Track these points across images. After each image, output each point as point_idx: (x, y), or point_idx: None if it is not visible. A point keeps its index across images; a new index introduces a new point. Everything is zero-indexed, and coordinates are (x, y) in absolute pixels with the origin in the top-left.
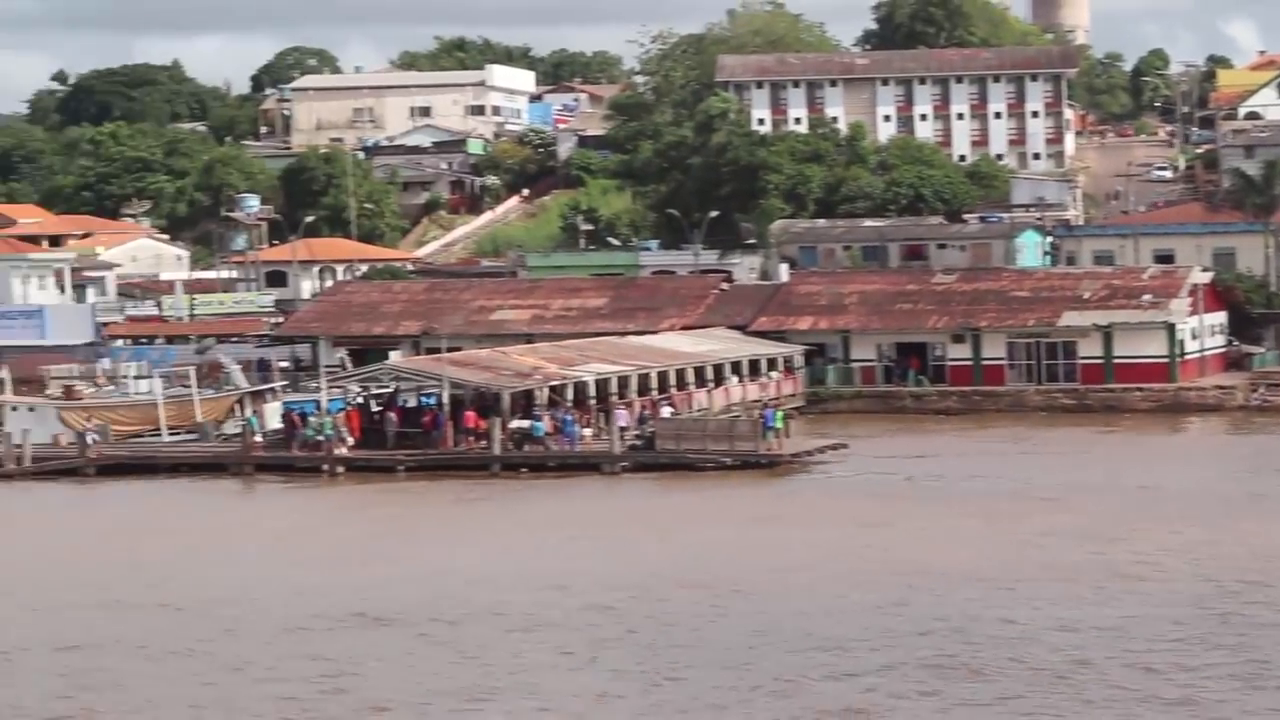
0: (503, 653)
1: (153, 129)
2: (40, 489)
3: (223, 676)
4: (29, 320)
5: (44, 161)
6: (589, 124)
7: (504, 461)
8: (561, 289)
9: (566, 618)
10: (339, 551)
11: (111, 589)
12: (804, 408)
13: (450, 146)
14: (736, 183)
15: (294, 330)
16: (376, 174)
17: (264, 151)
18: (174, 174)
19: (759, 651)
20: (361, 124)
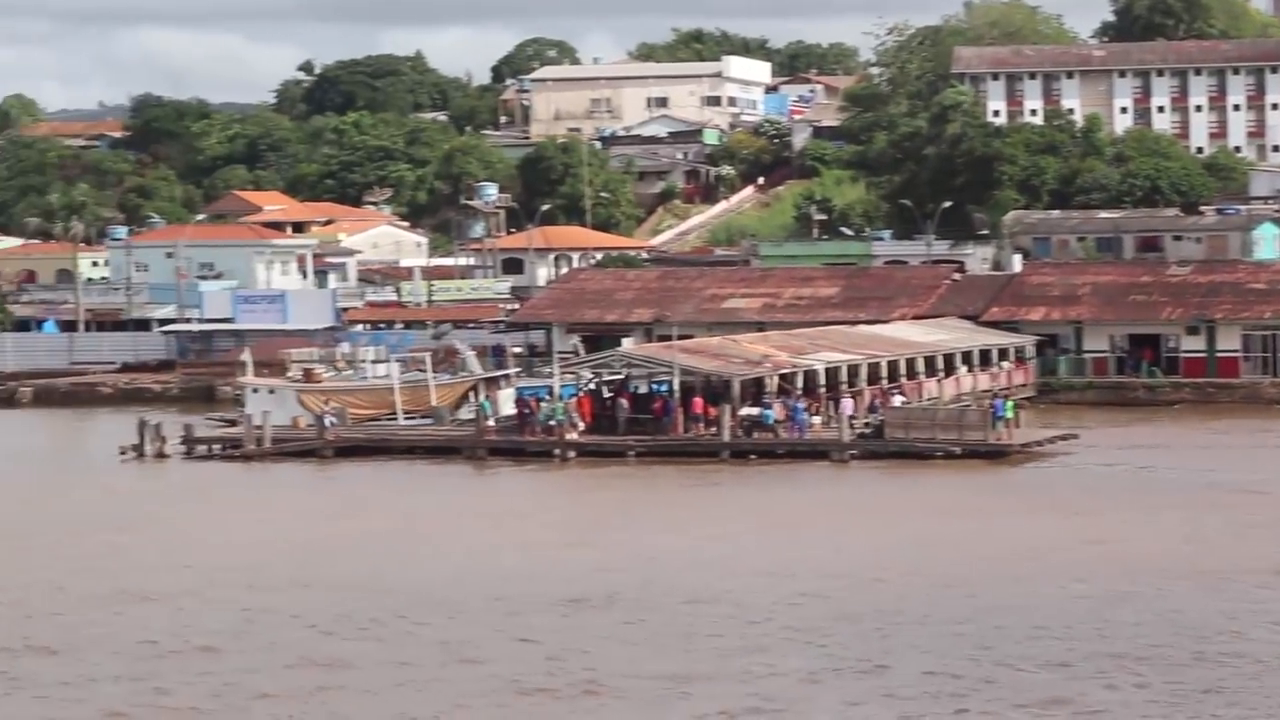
0: (719, 637)
1: (395, 118)
2: (278, 469)
3: (443, 657)
4: (271, 305)
5: (289, 150)
6: (824, 115)
7: (733, 448)
8: (793, 278)
9: (783, 603)
10: (563, 534)
11: (338, 568)
12: (1035, 398)
13: (686, 137)
14: (971, 174)
15: (528, 317)
16: (613, 164)
17: (503, 141)
18: (415, 163)
19: (971, 640)
20: (599, 114)
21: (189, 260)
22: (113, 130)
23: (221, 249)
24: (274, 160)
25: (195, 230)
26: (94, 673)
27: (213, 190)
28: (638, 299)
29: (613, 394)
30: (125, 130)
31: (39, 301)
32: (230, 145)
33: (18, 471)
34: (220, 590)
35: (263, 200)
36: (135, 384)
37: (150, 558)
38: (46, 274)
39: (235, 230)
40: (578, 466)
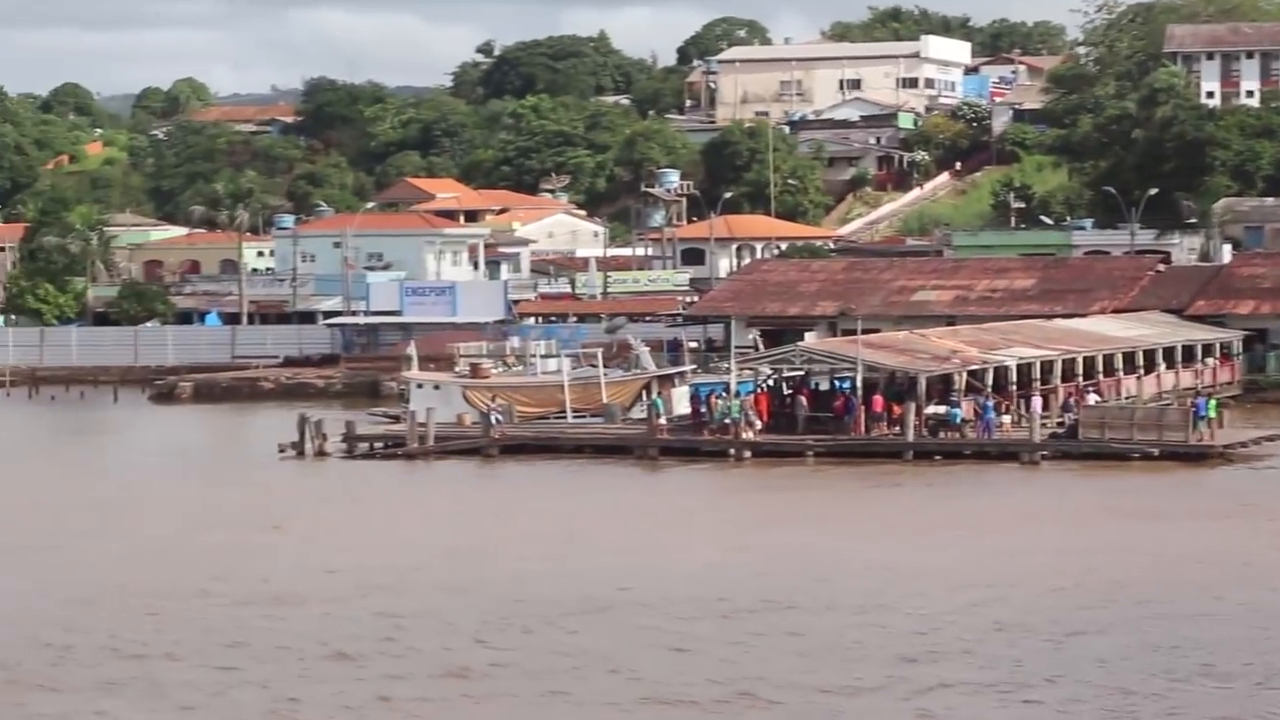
0: (886, 647)
1: (575, 102)
2: (441, 468)
3: (593, 665)
4: (440, 297)
5: (465, 135)
6: (1026, 97)
7: (917, 448)
8: (987, 269)
9: (956, 612)
10: (729, 537)
11: (492, 571)
12: (1241, 396)
13: (879, 120)
14: (1180, 159)
15: (707, 310)
16: (801, 149)
17: (687, 125)
18: (595, 148)
19: (1150, 654)
20: (788, 97)
21: (356, 250)
22: (284, 115)
23: (390, 238)
24: (449, 146)
25: (363, 219)
26: (227, 679)
27: (385, 177)
28: (822, 291)
29: (792, 391)
30: (296, 115)
31: (202, 293)
32: (404, 130)
33: (173, 469)
34: (369, 594)
35: (435, 188)
36: (298, 379)
37: (300, 559)
38: (211, 265)
39: (405, 219)
40: (753, 467)
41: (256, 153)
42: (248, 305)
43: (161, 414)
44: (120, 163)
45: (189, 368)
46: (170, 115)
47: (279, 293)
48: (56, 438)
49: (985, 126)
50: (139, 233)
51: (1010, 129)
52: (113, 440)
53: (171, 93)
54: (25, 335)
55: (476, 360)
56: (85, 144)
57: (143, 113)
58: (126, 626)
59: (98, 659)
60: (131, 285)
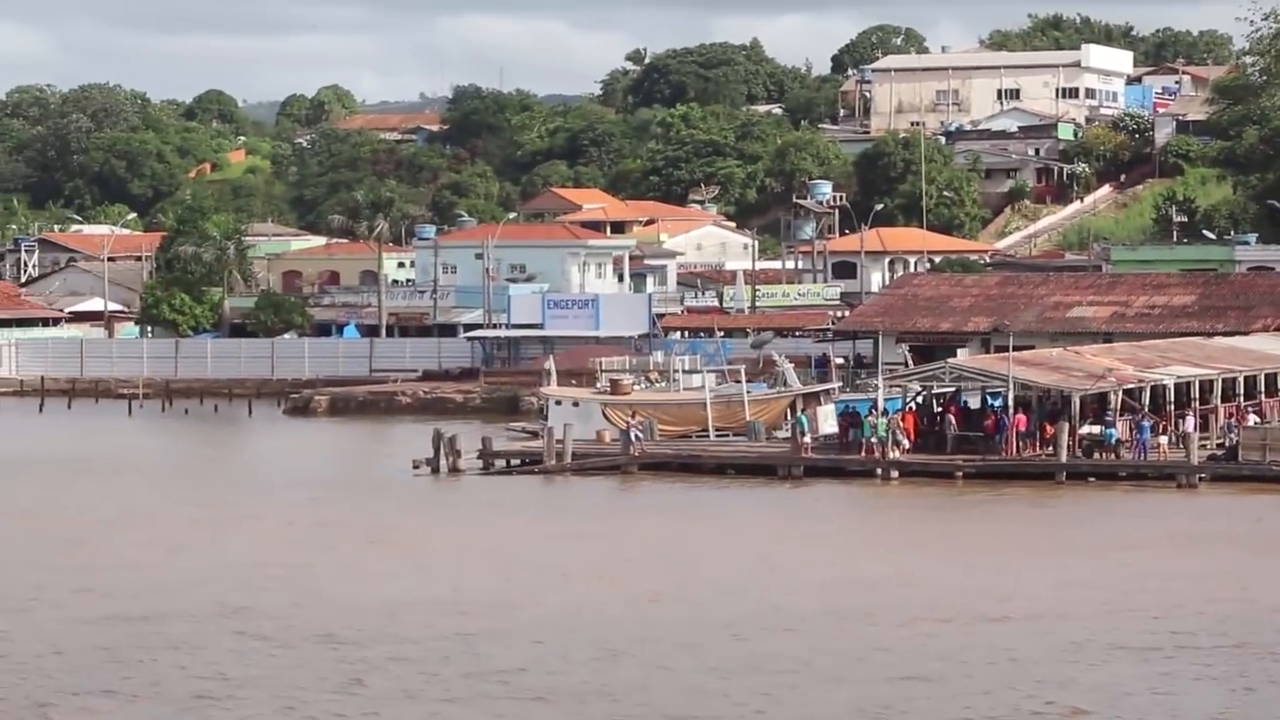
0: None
1: (725, 111)
2: (578, 486)
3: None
4: (583, 310)
5: (613, 144)
6: (1189, 108)
7: (1070, 469)
8: (1145, 285)
9: (1056, 651)
10: (833, 560)
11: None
12: None
13: (1038, 131)
14: None
15: (856, 324)
16: (958, 160)
17: (840, 135)
18: (745, 158)
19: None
20: (945, 107)
21: (499, 262)
22: (430, 123)
23: (533, 249)
24: (596, 156)
25: (506, 230)
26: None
27: (531, 187)
28: (975, 306)
29: (941, 409)
30: (442, 123)
31: (340, 304)
32: (551, 139)
33: (303, 485)
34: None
35: (581, 198)
36: (436, 393)
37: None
38: (350, 276)
39: (549, 230)
40: (900, 487)
41: (401, 161)
42: (387, 317)
43: (296, 428)
44: (263, 171)
45: (325, 381)
46: (314, 123)
47: (419, 304)
48: (188, 452)
49: (1147, 138)
50: (279, 243)
51: (1173, 141)
52: (245, 456)
53: (316, 100)
54: (160, 346)
55: (616, 376)
56: (228, 152)
57: (286, 120)
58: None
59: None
60: (268, 296)
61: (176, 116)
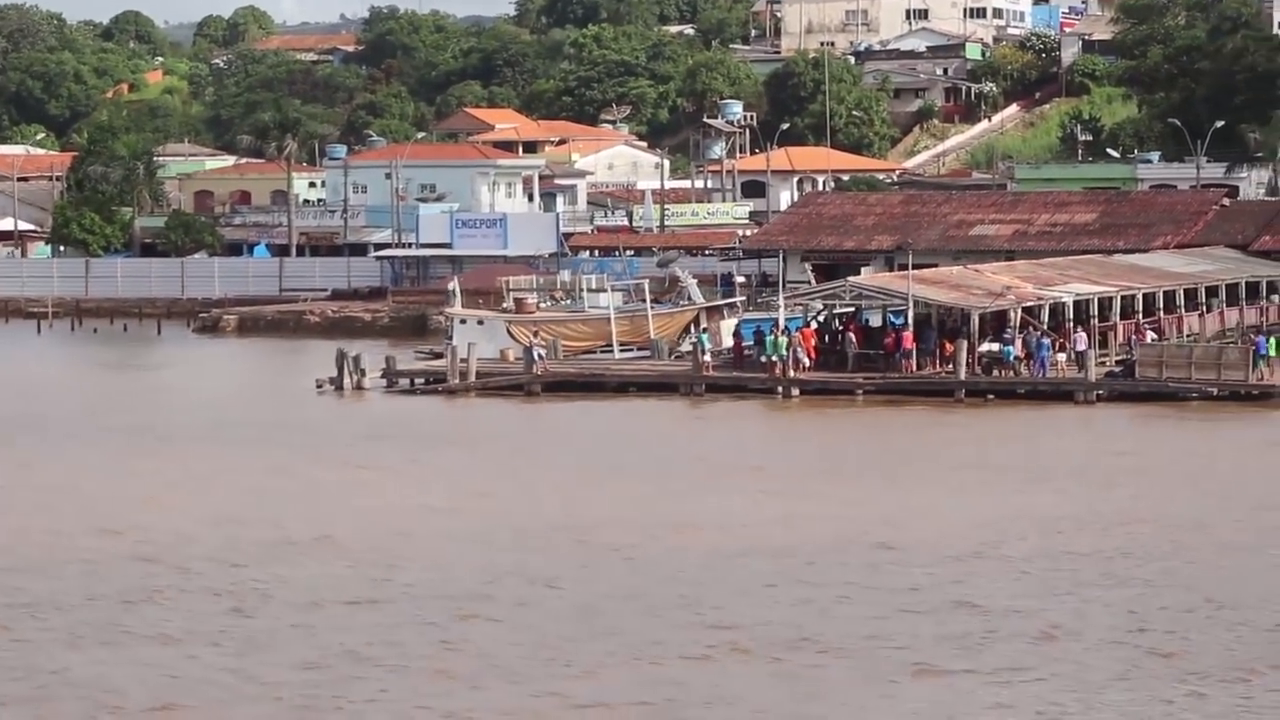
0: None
1: (637, 31)
2: (481, 405)
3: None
4: (491, 229)
5: (527, 65)
6: (1095, 28)
7: (969, 387)
8: (1048, 203)
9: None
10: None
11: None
12: None
13: (946, 51)
14: (1252, 91)
15: (761, 244)
16: (867, 80)
17: (751, 56)
18: (657, 79)
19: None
20: (854, 27)
21: (409, 182)
22: (346, 44)
23: (443, 169)
24: (510, 76)
25: (415, 149)
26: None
27: (445, 108)
28: (878, 225)
29: (842, 328)
30: (358, 45)
31: (251, 224)
32: (465, 60)
33: (201, 404)
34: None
35: (495, 118)
36: (344, 313)
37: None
38: (261, 195)
39: (459, 150)
40: (801, 405)
41: (316, 82)
42: (298, 237)
43: (205, 347)
44: (180, 92)
45: (235, 300)
46: (231, 44)
47: (330, 224)
48: (93, 373)
49: (1054, 58)
50: (194, 163)
51: (1079, 60)
52: (152, 376)
53: (233, 21)
54: (70, 266)
55: (521, 295)
56: (145, 73)
57: (204, 41)
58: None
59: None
60: (179, 216)
61: (93, 37)
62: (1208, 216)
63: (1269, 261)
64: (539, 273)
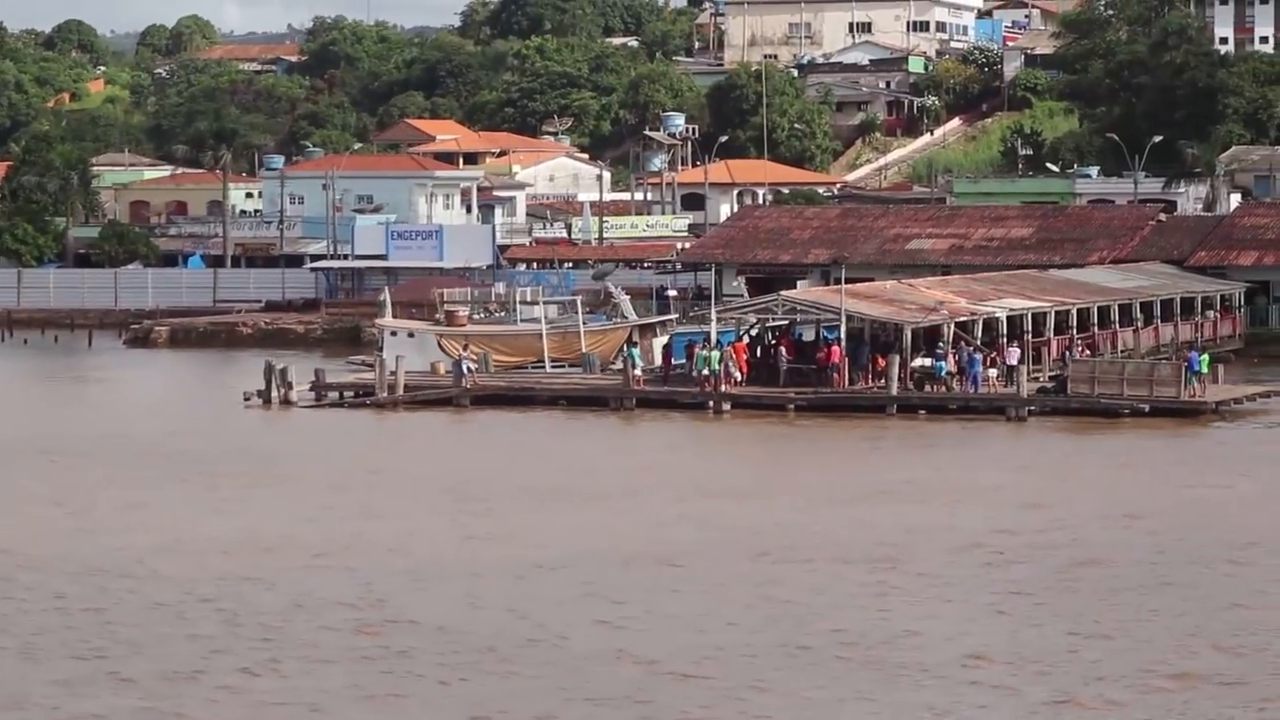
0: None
1: (580, 43)
2: (410, 419)
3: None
4: (426, 241)
5: (470, 76)
6: (1038, 42)
7: (901, 403)
8: (984, 218)
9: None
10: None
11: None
12: (1242, 350)
13: (889, 65)
14: (1192, 107)
15: (697, 257)
16: (810, 93)
17: (695, 68)
18: (599, 90)
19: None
20: (797, 39)
21: (346, 193)
22: (289, 54)
23: (381, 180)
24: (453, 87)
25: (352, 160)
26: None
27: (387, 118)
28: (815, 239)
29: (774, 342)
30: (301, 54)
31: (187, 234)
32: (408, 70)
33: (128, 418)
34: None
35: (435, 129)
36: (277, 324)
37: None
38: (198, 206)
39: (396, 161)
40: (732, 420)
41: (259, 92)
42: (234, 248)
43: (134, 359)
44: (122, 101)
45: (168, 311)
46: (174, 53)
47: (266, 235)
48: (14, 384)
49: (996, 71)
50: (133, 172)
51: (1021, 74)
52: (71, 389)
53: (176, 30)
54: (2, 276)
55: (453, 308)
56: (87, 82)
57: (146, 51)
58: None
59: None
60: (113, 226)
61: (35, 46)
62: (1144, 232)
63: (1204, 277)
64: (474, 285)
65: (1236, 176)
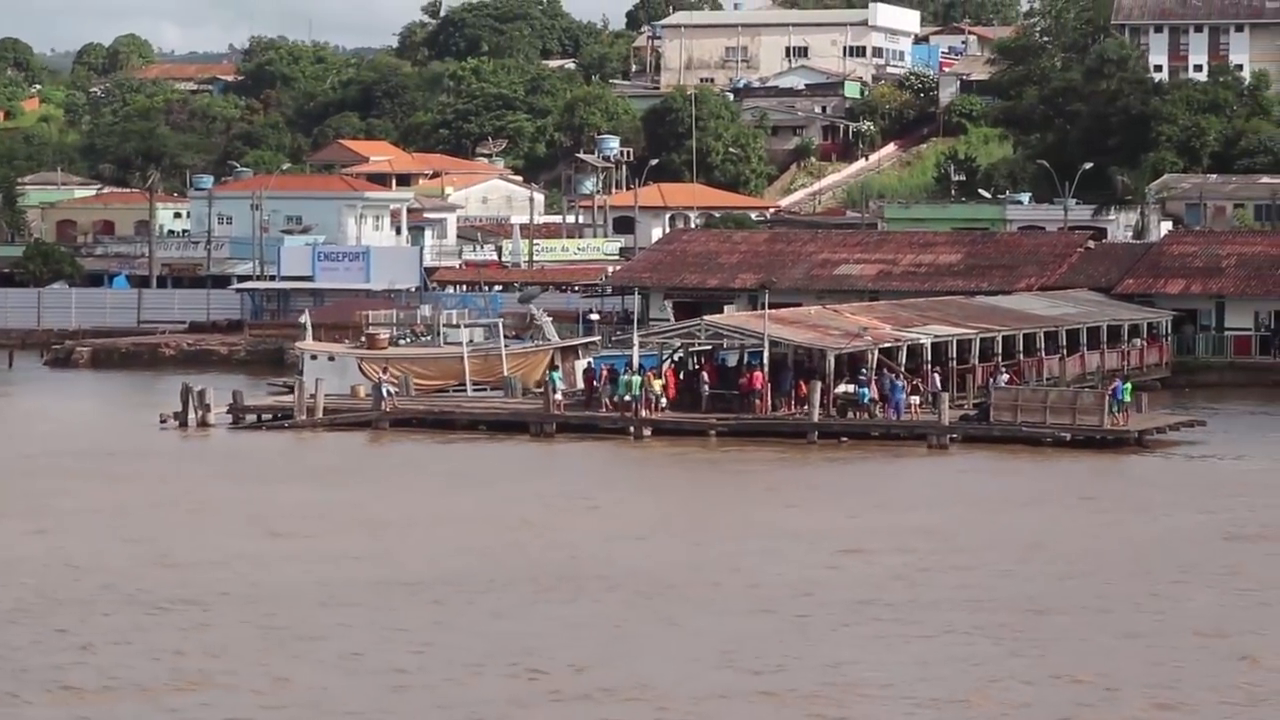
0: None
1: (516, 65)
2: (327, 441)
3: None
4: (354, 262)
5: (406, 97)
6: (974, 68)
7: (822, 429)
8: (913, 243)
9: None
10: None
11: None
12: (1169, 379)
13: (825, 90)
14: (1125, 134)
15: (624, 280)
16: (745, 117)
17: (631, 91)
18: (535, 113)
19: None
20: (734, 64)
21: (275, 213)
22: (226, 74)
23: (311, 201)
24: (389, 108)
25: (282, 181)
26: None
27: (323, 139)
28: (743, 263)
29: (697, 366)
30: (237, 74)
31: (114, 254)
32: (344, 91)
33: (37, 439)
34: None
35: (369, 150)
36: (200, 346)
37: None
38: (125, 225)
39: (326, 181)
40: (654, 445)
41: (194, 112)
42: (161, 268)
43: (54, 380)
44: (56, 120)
45: (91, 331)
46: (110, 72)
47: (194, 255)
48: None
49: (932, 97)
50: (65, 191)
51: (957, 100)
52: None
53: (112, 49)
54: None
55: (375, 330)
56: (22, 100)
57: (83, 69)
58: None
59: None
60: (37, 245)
61: None
62: (1072, 259)
63: (1131, 305)
64: (401, 307)
65: (1168, 204)
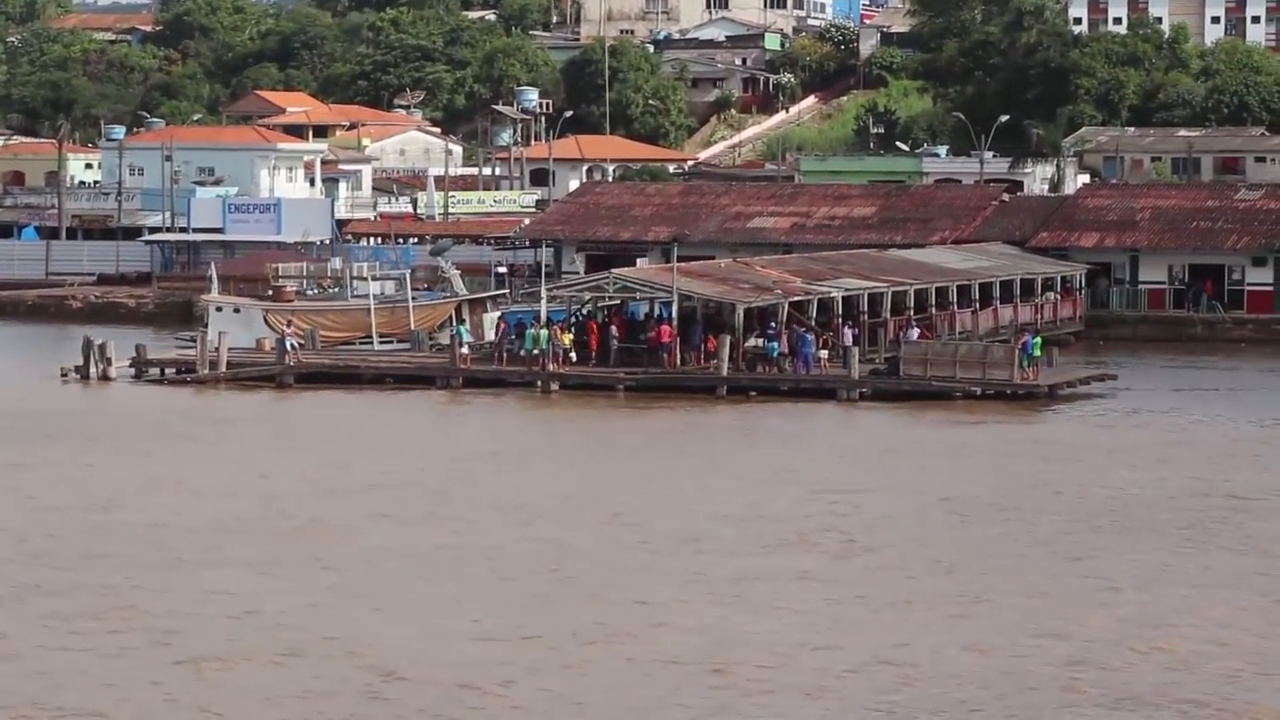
0: None
1: (435, 16)
2: (227, 397)
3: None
4: (264, 214)
5: (325, 48)
6: (894, 20)
7: (731, 384)
8: (827, 196)
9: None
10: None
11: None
12: (1082, 332)
13: (745, 41)
14: (1044, 87)
15: (537, 233)
16: (665, 69)
17: (551, 42)
18: (455, 64)
19: None
20: (654, 15)
21: (187, 165)
22: (145, 24)
23: (223, 153)
24: (308, 59)
25: (194, 132)
26: None
27: (241, 89)
28: (656, 216)
29: (605, 320)
30: (156, 24)
31: (23, 205)
32: (263, 42)
33: None
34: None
35: (287, 101)
36: (108, 298)
37: None
38: (35, 176)
39: (238, 133)
40: (561, 400)
41: (111, 62)
42: (71, 220)
43: None
44: None
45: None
46: (28, 22)
47: (104, 207)
48: None
49: (853, 49)
50: None
51: (878, 53)
52: None
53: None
54: None
55: (281, 283)
56: None
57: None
58: None
59: None
60: None
61: None
62: (986, 212)
63: (1045, 258)
64: (311, 259)
65: (1086, 158)
